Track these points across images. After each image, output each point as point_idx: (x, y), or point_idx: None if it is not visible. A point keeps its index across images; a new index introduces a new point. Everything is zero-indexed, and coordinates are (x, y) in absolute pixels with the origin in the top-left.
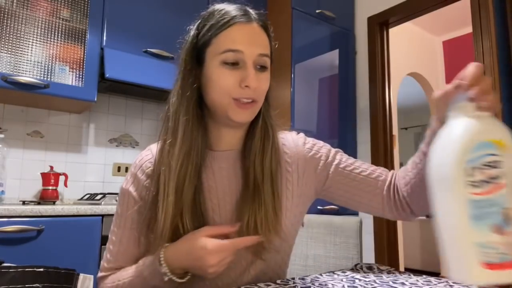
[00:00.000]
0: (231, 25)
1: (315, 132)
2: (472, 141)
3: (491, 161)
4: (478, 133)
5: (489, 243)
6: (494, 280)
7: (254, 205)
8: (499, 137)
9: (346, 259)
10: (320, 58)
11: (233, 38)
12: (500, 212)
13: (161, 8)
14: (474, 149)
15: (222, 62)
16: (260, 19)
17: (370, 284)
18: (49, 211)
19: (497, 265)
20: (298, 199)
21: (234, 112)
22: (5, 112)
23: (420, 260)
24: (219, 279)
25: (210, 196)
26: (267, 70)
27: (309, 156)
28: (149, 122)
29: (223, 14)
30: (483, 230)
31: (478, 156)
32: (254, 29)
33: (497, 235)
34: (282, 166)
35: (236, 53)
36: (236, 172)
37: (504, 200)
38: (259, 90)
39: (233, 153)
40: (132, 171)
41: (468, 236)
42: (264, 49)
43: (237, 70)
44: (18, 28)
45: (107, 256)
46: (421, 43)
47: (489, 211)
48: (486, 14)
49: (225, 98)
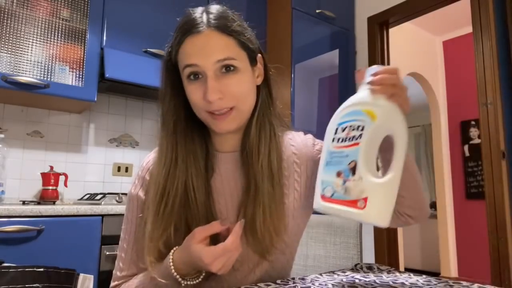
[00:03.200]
0: (184, 40)
1: (315, 132)
2: (348, 108)
3: (355, 125)
4: (356, 104)
5: (329, 182)
6: (325, 209)
7: (255, 206)
8: (371, 108)
9: (346, 259)
10: (320, 58)
11: (187, 52)
12: (347, 163)
13: (161, 8)
14: (348, 114)
15: (187, 78)
16: (215, 21)
17: (370, 284)
18: (49, 211)
19: (328, 199)
20: (305, 200)
21: (213, 124)
22: (5, 112)
23: (420, 260)
24: (224, 280)
25: (219, 198)
26: (237, 70)
27: (318, 157)
28: (149, 122)
29: (179, 30)
30: (330, 173)
31: (348, 120)
32: (206, 37)
33: (338, 178)
34: (290, 167)
35: (193, 67)
36: (240, 173)
37: (354, 154)
38: (228, 97)
39: (236, 154)
40: (139, 175)
41: (320, 175)
42: (221, 54)
43: (201, 83)
44: (18, 28)
45: (120, 264)
46: (421, 43)
47: (340, 160)
48: (486, 14)
49: (201, 113)
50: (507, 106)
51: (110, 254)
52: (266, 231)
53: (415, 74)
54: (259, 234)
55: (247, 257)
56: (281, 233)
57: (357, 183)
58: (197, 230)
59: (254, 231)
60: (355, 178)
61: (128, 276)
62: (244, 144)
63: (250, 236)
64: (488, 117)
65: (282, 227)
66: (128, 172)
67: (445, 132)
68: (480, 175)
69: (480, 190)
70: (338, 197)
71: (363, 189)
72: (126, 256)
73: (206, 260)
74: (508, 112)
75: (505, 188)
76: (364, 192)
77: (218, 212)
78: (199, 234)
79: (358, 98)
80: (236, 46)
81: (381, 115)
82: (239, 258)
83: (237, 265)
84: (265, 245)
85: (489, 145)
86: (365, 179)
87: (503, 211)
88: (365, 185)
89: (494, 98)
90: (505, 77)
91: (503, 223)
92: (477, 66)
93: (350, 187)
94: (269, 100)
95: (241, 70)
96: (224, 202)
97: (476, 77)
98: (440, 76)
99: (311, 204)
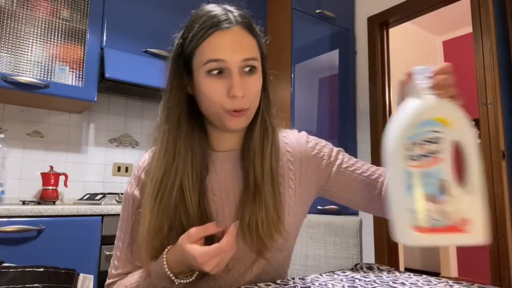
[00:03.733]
0: (211, 34)
1: (315, 132)
2: (416, 119)
3: (433, 137)
4: (423, 112)
5: (421, 210)
6: (424, 242)
7: (255, 206)
8: (443, 115)
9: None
10: (320, 58)
11: (213, 47)
12: (435, 183)
13: (161, 8)
14: (417, 126)
15: (207, 73)
16: (242, 20)
17: (370, 284)
18: (49, 211)
19: (427, 229)
20: (300, 198)
21: (228, 120)
22: (5, 112)
23: (420, 260)
24: (221, 279)
25: (214, 198)
26: (256, 71)
27: (311, 155)
28: (149, 122)
29: (202, 23)
30: (417, 199)
31: (421, 133)
32: (236, 34)
33: (430, 203)
34: (284, 165)
35: (219, 62)
36: (238, 172)
37: (440, 172)
38: (248, 96)
39: (235, 153)
40: (135, 174)
41: (403, 203)
42: (248, 53)
43: (223, 79)
44: (18, 28)
45: (115, 262)
46: (421, 43)
47: (425, 182)
48: (486, 14)
49: (217, 109)
50: (507, 106)
51: (110, 254)
52: (267, 230)
53: None
54: (260, 233)
55: (244, 255)
56: (281, 231)
57: (454, 204)
58: (192, 230)
59: (255, 231)
60: (449, 199)
61: (123, 274)
62: (245, 144)
63: (250, 236)
64: (488, 117)
65: (282, 225)
66: (128, 172)
67: None
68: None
69: None
70: (436, 224)
71: (462, 209)
72: (121, 254)
73: (199, 260)
74: (508, 112)
75: (505, 188)
76: (463, 212)
77: (213, 211)
78: (194, 234)
79: (423, 106)
80: (257, 48)
81: (455, 121)
82: (236, 257)
83: (233, 263)
84: (264, 243)
85: (489, 145)
86: (461, 198)
87: (503, 211)
88: (463, 204)
89: (494, 98)
90: (505, 77)
91: (503, 223)
92: (477, 66)
93: (447, 210)
94: (268, 101)
95: (258, 71)
96: (220, 201)
97: (476, 77)
98: None
99: (306, 202)
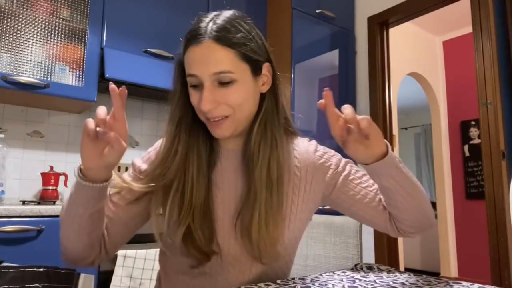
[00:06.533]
0: (187, 48)
1: (315, 132)
2: None
3: None
4: None
5: None
6: None
7: (252, 213)
8: None
9: (346, 259)
10: (320, 58)
11: (188, 62)
12: None
13: (161, 8)
14: None
15: (189, 85)
16: (216, 33)
17: (370, 284)
18: (49, 211)
19: None
20: (304, 205)
21: (213, 128)
22: (5, 112)
23: (420, 260)
24: (220, 278)
25: (217, 192)
26: (232, 82)
27: (319, 163)
28: (149, 122)
29: (185, 36)
30: None
31: None
32: (206, 48)
33: None
34: (290, 171)
35: (193, 77)
36: (241, 172)
37: None
38: (227, 105)
39: (239, 152)
40: (148, 152)
41: None
42: (218, 66)
43: (199, 91)
44: (18, 28)
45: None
46: (421, 43)
47: None
48: (486, 14)
49: (202, 117)
50: (507, 106)
51: None
52: (261, 239)
53: (415, 74)
54: (253, 240)
55: (242, 257)
56: (276, 243)
57: None
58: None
59: (250, 237)
60: None
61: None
62: (246, 147)
63: (246, 240)
64: (488, 117)
65: (278, 236)
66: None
67: (445, 132)
68: (480, 175)
69: (480, 190)
70: None
71: None
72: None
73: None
74: (508, 112)
75: (505, 188)
76: None
77: (216, 206)
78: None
79: None
80: (235, 58)
81: None
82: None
83: (232, 262)
84: (259, 251)
85: (489, 145)
86: None
87: (503, 211)
88: None
89: (494, 98)
90: (505, 77)
91: (503, 223)
92: (477, 66)
93: None
94: (274, 108)
95: (239, 81)
96: (222, 196)
97: (476, 77)
98: (440, 76)
99: (310, 209)
